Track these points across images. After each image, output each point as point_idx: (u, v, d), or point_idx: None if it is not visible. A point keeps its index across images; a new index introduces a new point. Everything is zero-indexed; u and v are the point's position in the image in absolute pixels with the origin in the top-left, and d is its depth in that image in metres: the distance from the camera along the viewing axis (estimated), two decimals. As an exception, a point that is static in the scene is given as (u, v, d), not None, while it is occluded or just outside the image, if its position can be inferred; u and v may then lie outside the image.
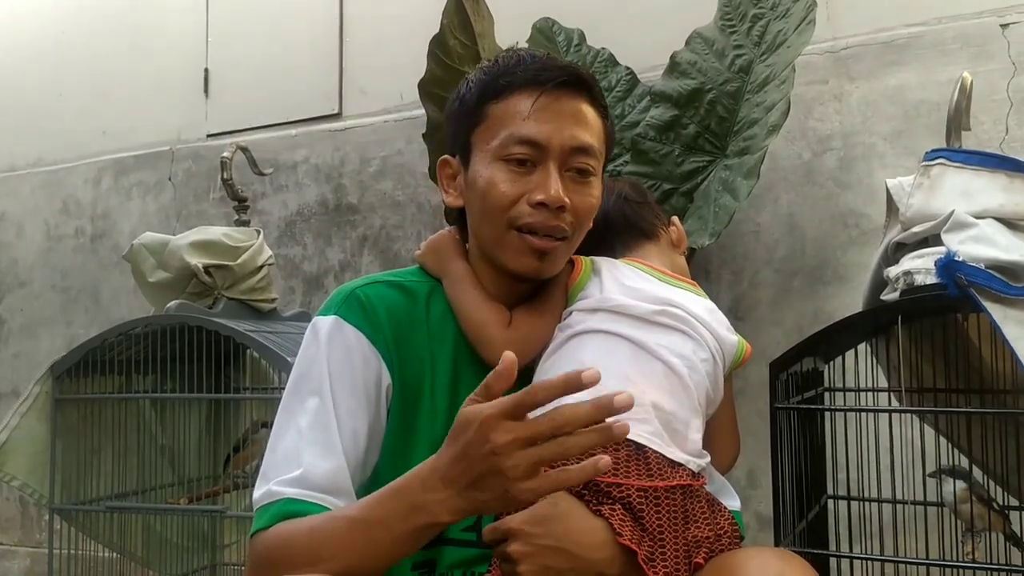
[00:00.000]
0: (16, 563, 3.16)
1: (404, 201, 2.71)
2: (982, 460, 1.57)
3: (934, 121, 2.00)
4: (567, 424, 0.84)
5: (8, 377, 3.29)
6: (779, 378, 1.50)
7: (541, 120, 1.10)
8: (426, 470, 0.92)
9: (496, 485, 0.87)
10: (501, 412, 0.85)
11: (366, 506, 0.96)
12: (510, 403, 0.85)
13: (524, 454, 0.85)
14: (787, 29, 1.93)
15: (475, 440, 0.86)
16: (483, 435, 0.85)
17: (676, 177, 2.04)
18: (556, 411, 0.84)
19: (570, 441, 0.85)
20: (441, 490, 0.89)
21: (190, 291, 2.11)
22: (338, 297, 1.14)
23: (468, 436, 0.87)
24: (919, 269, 1.40)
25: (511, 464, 0.85)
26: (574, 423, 0.84)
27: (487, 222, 1.14)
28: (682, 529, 1.02)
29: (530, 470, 0.85)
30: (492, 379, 0.87)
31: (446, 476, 0.89)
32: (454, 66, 2.06)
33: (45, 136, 3.36)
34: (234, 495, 2.11)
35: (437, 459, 0.91)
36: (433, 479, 0.90)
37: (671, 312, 1.13)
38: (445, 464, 0.89)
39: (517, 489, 0.86)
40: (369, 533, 0.94)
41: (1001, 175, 1.41)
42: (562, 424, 0.84)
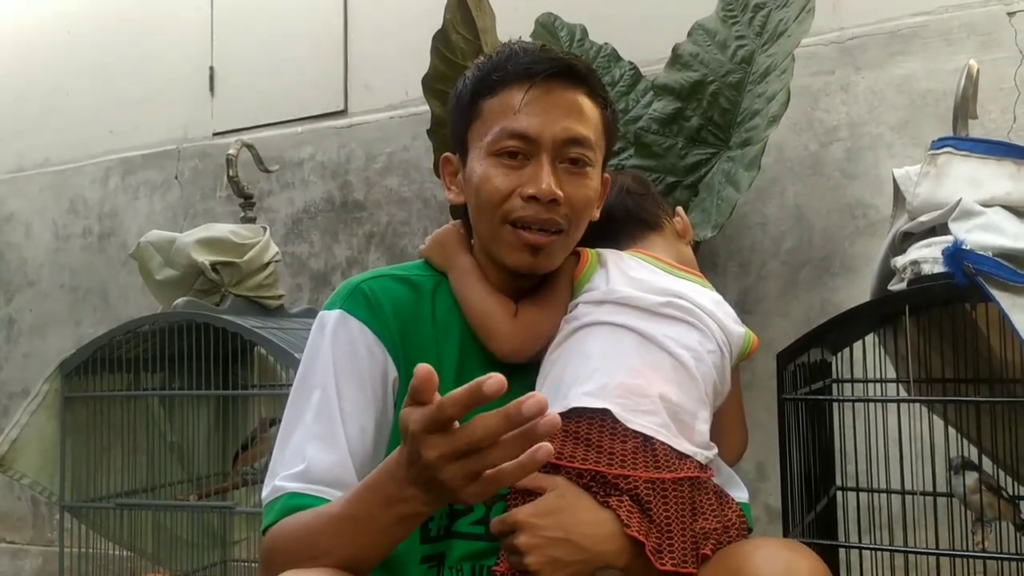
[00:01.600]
0: (28, 562, 3.18)
1: (410, 197, 2.71)
2: (991, 450, 1.56)
3: (941, 110, 1.98)
4: (483, 439, 0.81)
5: (18, 377, 3.31)
6: (787, 369, 1.50)
7: (532, 113, 1.10)
8: (393, 464, 0.90)
9: (444, 490, 0.85)
10: (423, 428, 0.82)
11: (347, 502, 0.96)
12: (429, 418, 0.82)
13: (455, 467, 0.83)
14: (788, 18, 1.92)
15: (412, 451, 0.85)
16: (415, 448, 0.84)
17: (680, 170, 2.03)
18: (470, 427, 0.81)
19: (493, 453, 0.82)
20: (408, 486, 0.88)
21: (197, 288, 2.12)
22: (343, 291, 1.14)
23: (408, 444, 0.86)
24: (926, 258, 1.39)
25: (447, 476, 0.83)
26: (490, 438, 0.81)
27: (482, 217, 1.14)
28: (690, 521, 1.02)
29: (467, 480, 0.84)
30: (412, 388, 0.83)
31: (407, 476, 0.88)
32: (457, 62, 2.06)
33: (52, 136, 3.38)
34: (243, 491, 2.11)
35: (399, 455, 0.89)
36: (399, 475, 0.89)
37: (677, 304, 1.13)
38: (404, 465, 0.88)
39: (462, 496, 0.85)
40: (356, 527, 0.94)
41: (1008, 163, 1.40)
42: (478, 440, 0.81)
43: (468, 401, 0.80)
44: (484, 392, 0.79)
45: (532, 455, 0.82)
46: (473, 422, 0.82)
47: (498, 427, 0.81)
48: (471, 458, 0.82)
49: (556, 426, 0.81)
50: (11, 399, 3.29)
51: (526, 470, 0.84)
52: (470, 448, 0.82)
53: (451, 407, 0.81)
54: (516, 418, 0.80)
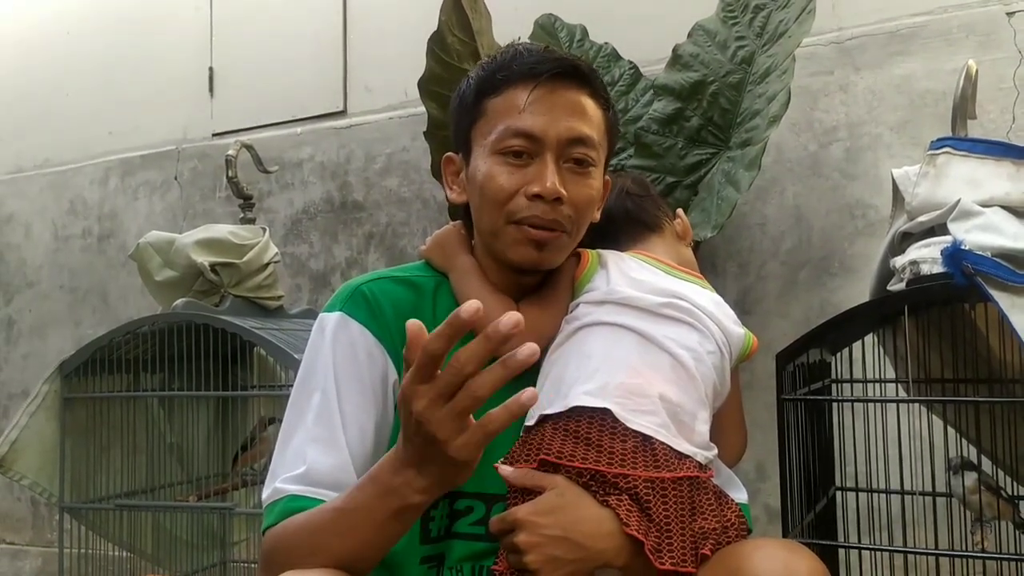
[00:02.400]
0: (28, 563, 3.18)
1: (410, 197, 2.71)
2: (990, 449, 1.56)
3: (940, 111, 1.99)
4: (466, 365, 0.82)
5: (18, 378, 3.31)
6: (786, 370, 1.50)
7: (537, 112, 1.10)
8: (392, 454, 0.93)
9: (436, 453, 0.86)
10: (411, 380, 0.84)
11: (348, 495, 0.97)
12: (415, 369, 0.83)
13: (442, 413, 0.84)
14: (788, 19, 1.92)
15: (405, 417, 0.87)
16: (407, 409, 0.86)
17: (680, 170, 2.03)
18: (454, 358, 0.82)
19: (478, 381, 0.83)
20: (404, 471, 0.90)
21: (197, 289, 2.12)
22: (343, 293, 1.14)
23: (402, 414, 0.88)
24: (925, 259, 1.39)
25: (436, 426, 0.84)
26: (473, 362, 0.82)
27: (486, 216, 1.14)
28: (689, 520, 1.02)
29: (456, 426, 0.84)
30: (405, 352, 0.85)
31: (404, 457, 0.90)
32: (453, 64, 2.06)
33: (52, 137, 3.38)
34: (243, 492, 2.12)
35: (398, 443, 0.92)
36: (397, 462, 0.91)
37: (677, 304, 1.13)
38: (400, 447, 0.90)
39: (454, 450, 0.85)
40: (353, 521, 0.95)
41: (1007, 163, 1.41)
42: (461, 367, 0.82)
43: (449, 331, 0.81)
44: (462, 317, 0.80)
45: (517, 398, 0.83)
46: (455, 354, 0.82)
47: (478, 350, 0.82)
48: (458, 398, 0.83)
49: (535, 353, 0.82)
50: (11, 400, 3.29)
51: (512, 413, 0.84)
52: (454, 381, 0.83)
53: (433, 341, 0.82)
54: (494, 336, 0.80)
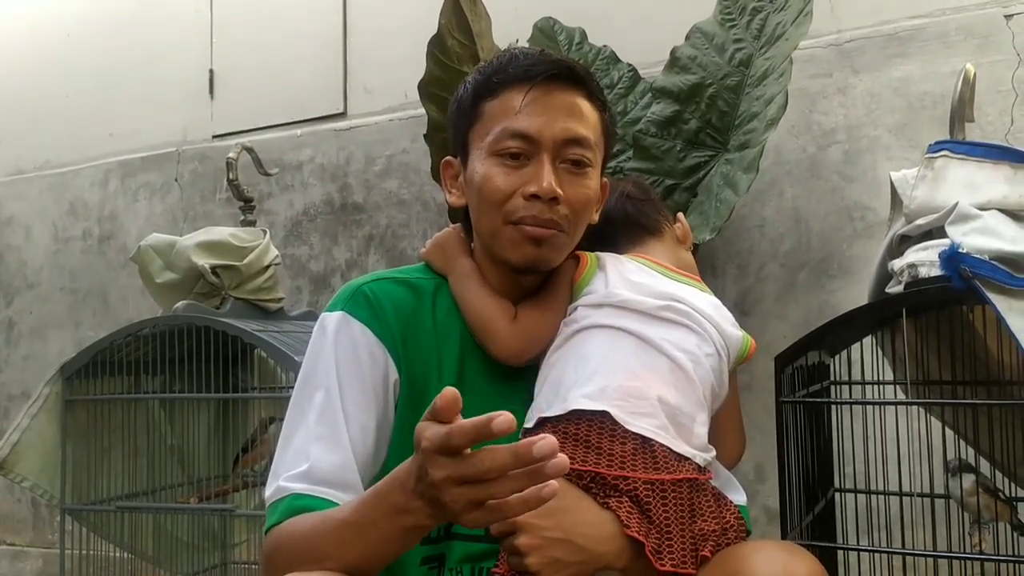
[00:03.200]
0: (28, 564, 3.18)
1: (409, 199, 2.72)
2: (988, 451, 1.56)
3: (939, 113, 1.99)
4: (491, 471, 0.82)
5: (18, 379, 3.31)
6: (785, 372, 1.50)
7: (532, 113, 1.11)
8: (403, 475, 0.91)
9: (448, 510, 0.86)
10: (434, 447, 0.83)
11: (355, 509, 0.96)
12: (440, 439, 0.82)
13: (459, 491, 0.83)
14: (785, 21, 1.93)
15: (422, 466, 0.85)
16: (423, 467, 0.85)
17: (678, 173, 2.04)
18: (479, 457, 0.82)
19: (499, 485, 0.83)
20: (415, 498, 0.89)
21: (197, 291, 2.12)
22: (345, 293, 1.15)
23: (417, 460, 0.87)
24: (923, 261, 1.40)
25: (450, 498, 0.84)
26: (497, 471, 0.82)
27: (484, 217, 1.15)
28: (688, 522, 1.02)
29: (470, 506, 0.84)
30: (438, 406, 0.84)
31: (414, 488, 0.88)
32: (453, 66, 2.06)
33: (52, 139, 3.38)
34: (244, 494, 2.12)
35: (409, 467, 0.90)
36: (408, 486, 0.89)
37: (676, 307, 1.14)
38: (413, 477, 0.88)
39: (464, 518, 0.86)
40: (361, 534, 0.94)
41: (1005, 166, 1.41)
42: (486, 471, 0.82)
43: (475, 436, 0.81)
44: (492, 430, 0.80)
45: (537, 492, 0.83)
46: (483, 453, 0.82)
47: (505, 463, 0.81)
48: (477, 486, 0.83)
49: (564, 468, 0.82)
50: (11, 401, 3.29)
51: (529, 506, 0.84)
52: (476, 477, 0.82)
53: (458, 437, 0.82)
54: (526, 458, 0.80)
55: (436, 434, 0.83)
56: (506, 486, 0.83)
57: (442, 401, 0.83)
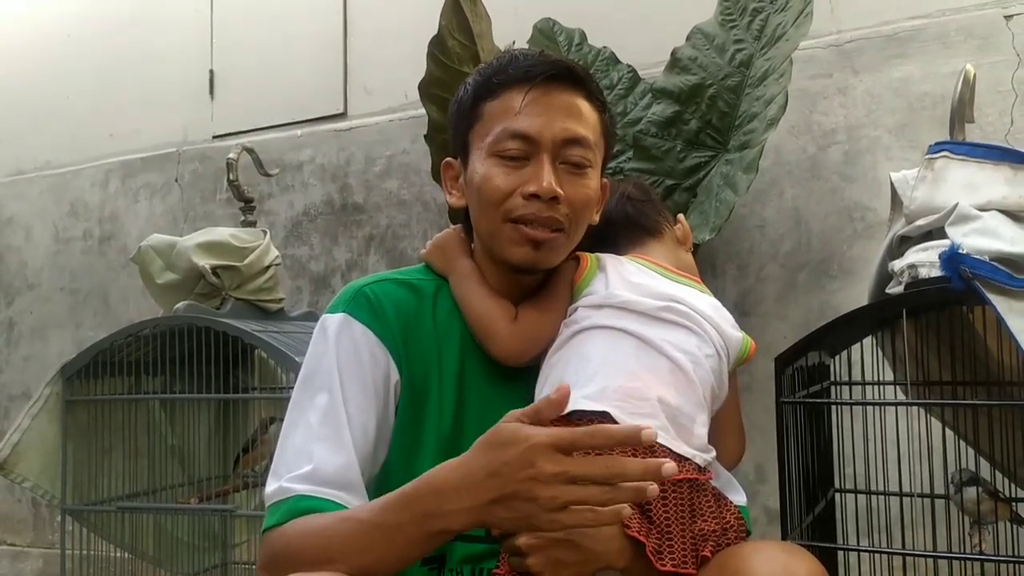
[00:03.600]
0: (29, 564, 3.19)
1: (410, 200, 2.72)
2: (988, 451, 1.57)
3: (939, 114, 1.99)
4: (618, 477, 0.85)
5: (19, 379, 3.31)
6: (785, 372, 1.50)
7: (532, 114, 1.11)
8: (439, 480, 0.91)
9: (523, 508, 0.87)
10: (555, 443, 0.85)
11: (378, 510, 0.96)
12: (567, 437, 0.85)
13: (565, 489, 0.85)
14: (786, 22, 1.93)
15: (516, 461, 0.86)
16: (528, 459, 0.85)
17: (678, 173, 2.04)
18: (613, 461, 0.86)
19: (611, 492, 0.86)
20: (458, 500, 0.89)
21: (198, 292, 2.13)
22: (346, 295, 1.15)
23: (508, 455, 0.87)
24: (923, 262, 1.40)
25: (549, 495, 0.85)
26: (624, 477, 0.85)
27: (484, 217, 1.15)
28: (689, 522, 1.02)
29: (561, 506, 0.86)
30: (544, 406, 0.88)
31: (472, 487, 0.89)
32: (453, 67, 2.06)
33: (52, 139, 3.38)
34: (244, 494, 2.12)
35: (456, 469, 0.90)
36: (449, 489, 0.90)
37: (676, 308, 1.14)
38: (473, 475, 0.89)
39: (543, 518, 0.87)
40: (382, 537, 0.94)
41: (1005, 167, 1.41)
42: (614, 475, 0.85)
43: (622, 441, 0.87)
44: (642, 440, 0.85)
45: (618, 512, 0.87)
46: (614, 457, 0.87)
47: (636, 472, 0.85)
48: (588, 488, 0.86)
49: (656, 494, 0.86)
50: (11, 401, 3.30)
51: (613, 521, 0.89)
52: (602, 479, 0.85)
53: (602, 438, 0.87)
54: (653, 472, 0.85)
55: (557, 430, 0.86)
56: (616, 494, 0.86)
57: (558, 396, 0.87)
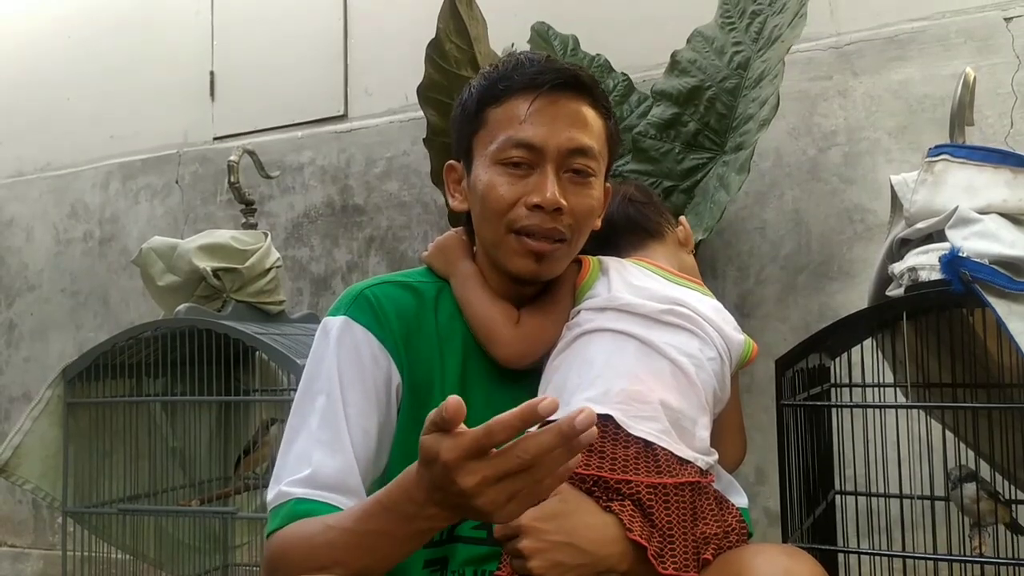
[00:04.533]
0: (30, 565, 3.19)
1: (410, 201, 2.72)
2: (989, 454, 1.57)
3: (939, 116, 2.00)
4: (535, 458, 0.81)
5: (19, 381, 3.31)
6: (785, 375, 1.50)
7: (538, 123, 1.11)
8: (410, 486, 0.89)
9: (476, 511, 0.85)
10: (462, 455, 0.81)
11: (360, 518, 0.95)
12: (470, 445, 0.81)
13: (496, 490, 0.82)
14: (782, 24, 1.94)
15: (441, 479, 0.83)
16: (447, 476, 0.82)
17: (676, 174, 2.05)
18: (522, 447, 0.81)
19: (540, 469, 0.82)
20: (429, 506, 0.88)
21: (199, 294, 2.13)
22: (347, 298, 1.15)
23: (433, 472, 0.84)
24: (923, 265, 1.40)
25: (484, 501, 0.83)
26: (541, 455, 0.81)
27: (487, 225, 1.15)
28: (691, 525, 1.03)
29: (504, 502, 0.84)
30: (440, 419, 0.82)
31: (430, 498, 0.87)
32: (451, 71, 2.06)
33: (53, 141, 3.39)
34: (245, 496, 2.12)
35: (417, 479, 0.88)
36: (418, 496, 0.88)
37: (678, 311, 1.14)
38: (424, 489, 0.87)
39: (496, 518, 0.85)
40: (368, 543, 0.94)
41: (1005, 170, 1.41)
42: (530, 460, 0.81)
43: (521, 425, 0.80)
44: (540, 415, 0.79)
45: (564, 472, 0.83)
46: (524, 442, 0.81)
47: (552, 443, 0.80)
48: (516, 478, 0.82)
49: (594, 437, 0.81)
50: (12, 403, 3.30)
51: (561, 481, 0.85)
52: (517, 469, 0.81)
53: (501, 432, 0.80)
54: (570, 433, 0.80)
55: (461, 442, 0.81)
56: (545, 469, 0.82)
57: (448, 412, 0.81)
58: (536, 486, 0.83)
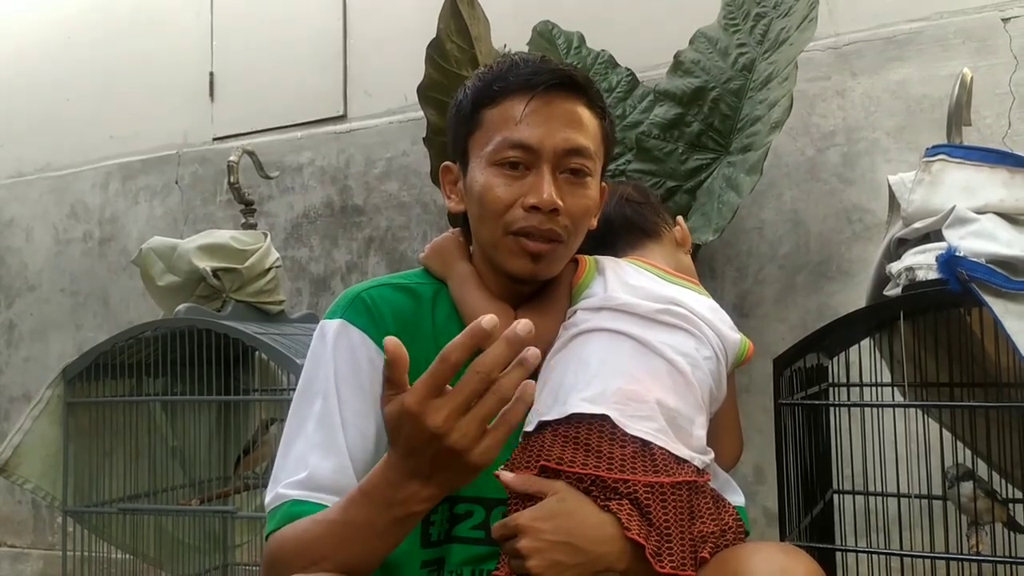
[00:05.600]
0: (29, 565, 3.19)
1: (409, 202, 2.73)
2: (986, 453, 1.57)
3: (937, 116, 2.00)
4: (492, 371, 0.82)
5: (19, 381, 3.32)
6: (783, 374, 1.51)
7: (533, 123, 1.11)
8: (386, 468, 0.91)
9: (453, 461, 0.86)
10: (423, 395, 0.83)
11: (343, 509, 0.96)
12: (428, 382, 0.83)
13: (466, 421, 0.84)
14: (789, 27, 1.94)
15: (412, 433, 0.85)
16: (416, 425, 0.84)
17: (680, 175, 2.05)
18: (475, 364, 0.82)
19: (502, 385, 0.83)
20: (408, 484, 0.89)
21: (199, 294, 2.13)
22: (344, 300, 1.15)
23: (404, 431, 0.86)
24: (921, 265, 1.41)
25: (458, 436, 0.84)
26: (498, 367, 0.82)
27: (484, 227, 1.15)
28: (688, 524, 1.03)
29: (479, 432, 0.85)
30: (387, 371, 0.85)
31: (407, 471, 0.88)
32: (452, 70, 2.06)
33: (53, 141, 3.39)
34: (245, 496, 2.13)
35: (391, 457, 0.90)
36: (396, 476, 0.90)
37: (674, 311, 1.14)
38: (399, 462, 0.89)
39: (476, 456, 0.86)
40: (354, 532, 0.95)
41: (1002, 170, 1.42)
42: (487, 374, 0.82)
43: (470, 343, 0.82)
44: (484, 328, 0.81)
45: (523, 388, 0.84)
46: (476, 362, 0.82)
47: (501, 354, 0.82)
48: (481, 404, 0.83)
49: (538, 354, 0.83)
50: (12, 403, 3.30)
51: (526, 404, 0.85)
52: (479, 388, 0.83)
53: (453, 353, 0.82)
54: (514, 340, 0.81)
55: (418, 385, 0.83)
56: (507, 383, 0.83)
57: (389, 354, 0.83)
58: (506, 413, 0.85)
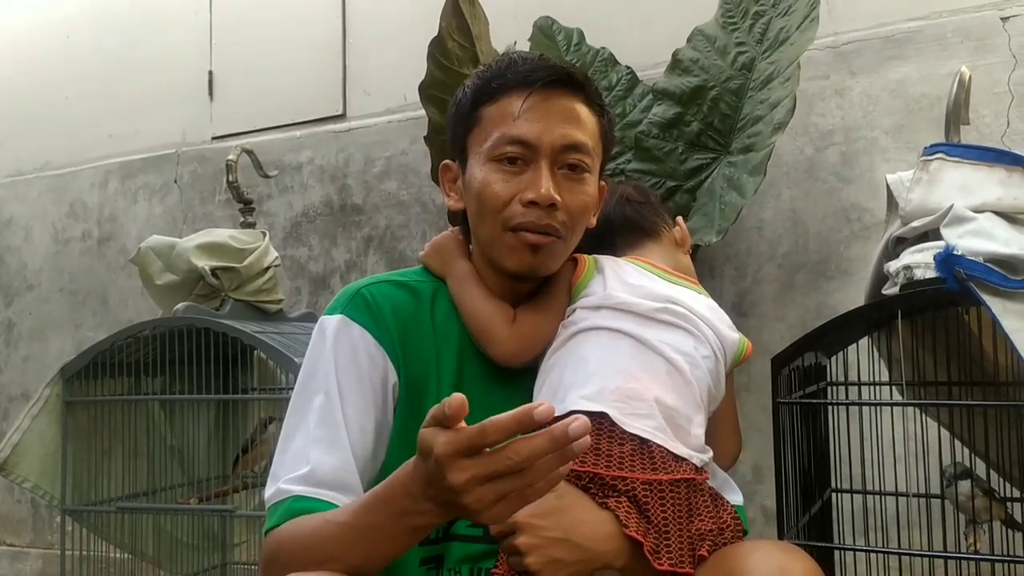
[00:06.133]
0: (28, 564, 3.19)
1: (409, 201, 2.73)
2: (984, 452, 1.57)
3: (936, 115, 2.00)
4: (526, 461, 0.81)
5: (18, 380, 3.32)
6: (782, 373, 1.51)
7: (531, 119, 1.12)
8: (407, 479, 0.90)
9: (461, 512, 0.86)
10: (455, 451, 0.82)
11: (356, 513, 0.96)
12: (464, 442, 0.82)
13: (484, 490, 0.83)
14: (789, 26, 1.93)
15: (434, 472, 0.84)
16: (439, 471, 0.83)
17: (679, 174, 2.05)
18: (514, 449, 0.81)
19: (531, 473, 0.82)
20: (423, 501, 0.89)
21: (197, 293, 2.13)
22: (344, 297, 1.16)
23: (427, 466, 0.85)
24: (919, 263, 1.41)
25: (472, 499, 0.83)
26: (533, 459, 0.81)
27: (483, 223, 1.16)
28: (686, 522, 1.03)
29: (492, 502, 0.84)
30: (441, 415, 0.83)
31: (423, 492, 0.88)
32: (453, 68, 2.06)
33: (51, 140, 3.39)
34: (243, 495, 2.13)
35: (414, 472, 0.89)
36: (414, 489, 0.89)
37: (673, 309, 1.15)
38: (419, 482, 0.88)
39: (484, 516, 0.85)
40: (365, 537, 0.95)
41: (1000, 169, 1.42)
42: (521, 462, 0.81)
43: (515, 428, 0.81)
44: (535, 420, 0.80)
45: (558, 472, 0.83)
46: (516, 445, 0.81)
47: (544, 448, 0.81)
48: (504, 480, 0.82)
49: (587, 446, 0.82)
50: (11, 402, 3.30)
51: (552, 486, 0.85)
52: (508, 470, 0.82)
53: (494, 433, 0.81)
54: (562, 439, 0.80)
55: (456, 438, 0.82)
56: (536, 473, 0.82)
57: (450, 409, 0.82)
58: (526, 489, 0.84)
